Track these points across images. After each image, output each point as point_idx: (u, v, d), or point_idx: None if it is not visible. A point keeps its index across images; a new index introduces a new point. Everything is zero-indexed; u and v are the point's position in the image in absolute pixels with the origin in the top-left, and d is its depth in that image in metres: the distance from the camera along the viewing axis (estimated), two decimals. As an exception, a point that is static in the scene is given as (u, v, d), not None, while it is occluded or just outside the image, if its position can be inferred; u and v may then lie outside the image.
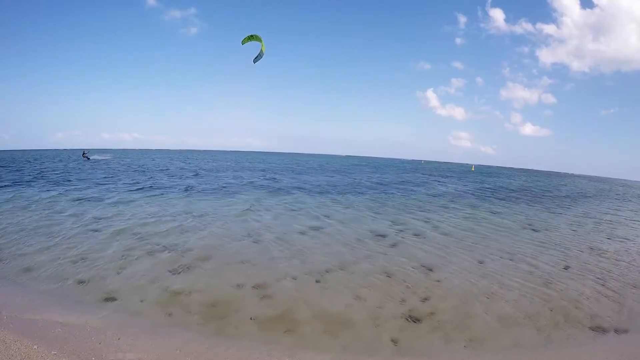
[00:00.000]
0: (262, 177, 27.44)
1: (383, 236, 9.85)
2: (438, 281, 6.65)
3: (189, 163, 47.19)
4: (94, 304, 5.18)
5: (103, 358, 3.75)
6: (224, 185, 20.89)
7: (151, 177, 24.11)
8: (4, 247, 7.60)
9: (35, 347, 3.80)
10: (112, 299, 5.35)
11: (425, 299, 5.82)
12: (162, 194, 15.78)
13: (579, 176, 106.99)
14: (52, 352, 3.73)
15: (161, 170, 31.82)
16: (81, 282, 5.92)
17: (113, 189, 16.86)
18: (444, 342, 4.62)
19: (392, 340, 4.57)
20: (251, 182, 23.15)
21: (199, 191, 17.45)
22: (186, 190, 17.65)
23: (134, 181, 20.96)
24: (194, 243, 8.29)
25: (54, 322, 4.46)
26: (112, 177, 23.27)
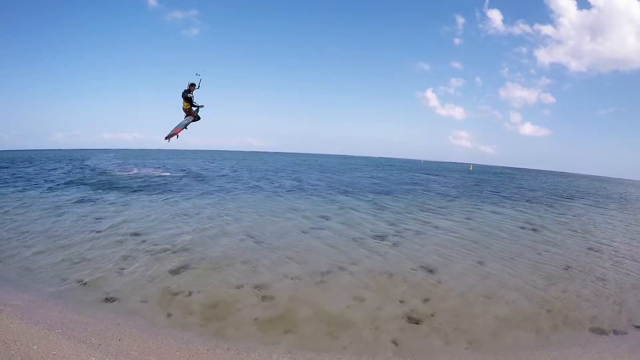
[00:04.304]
0: (269, 178, 27.43)
1: (383, 236, 9.85)
2: (438, 282, 6.65)
3: (201, 163, 45.74)
4: (94, 305, 5.20)
5: (104, 359, 3.75)
6: (257, 185, 21.03)
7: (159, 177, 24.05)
8: (5, 247, 7.61)
9: (35, 347, 3.81)
10: (113, 300, 5.36)
11: (425, 300, 5.82)
12: (174, 197, 15.77)
13: (578, 175, 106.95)
14: (52, 353, 3.73)
15: (179, 170, 31.60)
16: (82, 282, 5.93)
17: (115, 189, 16.85)
18: (444, 343, 4.63)
19: (393, 342, 4.58)
20: (251, 180, 23.18)
21: (228, 192, 17.43)
22: (218, 192, 17.60)
23: (141, 183, 20.92)
24: (195, 243, 8.29)
25: (54, 323, 4.47)
26: (110, 176, 23.23)
